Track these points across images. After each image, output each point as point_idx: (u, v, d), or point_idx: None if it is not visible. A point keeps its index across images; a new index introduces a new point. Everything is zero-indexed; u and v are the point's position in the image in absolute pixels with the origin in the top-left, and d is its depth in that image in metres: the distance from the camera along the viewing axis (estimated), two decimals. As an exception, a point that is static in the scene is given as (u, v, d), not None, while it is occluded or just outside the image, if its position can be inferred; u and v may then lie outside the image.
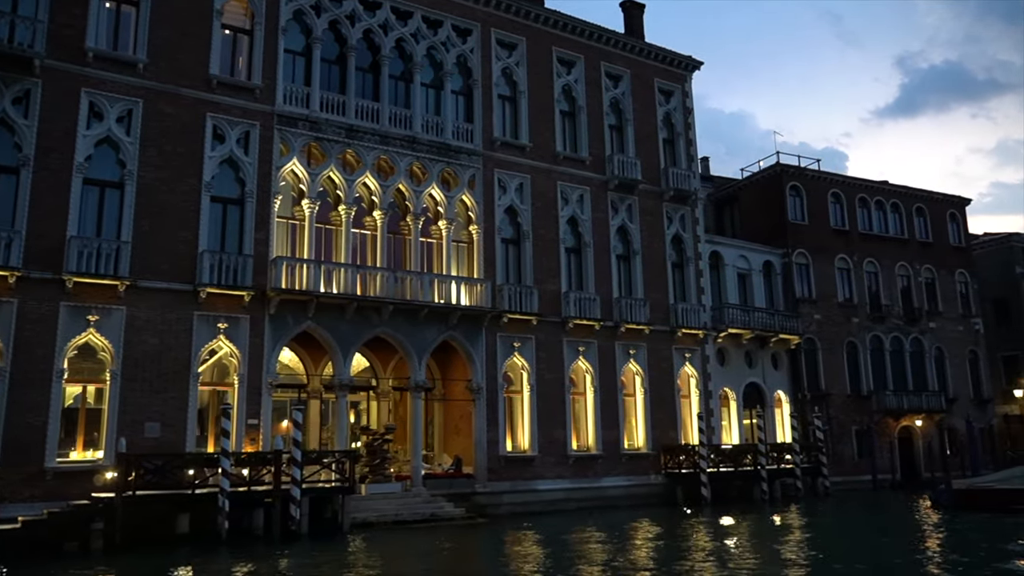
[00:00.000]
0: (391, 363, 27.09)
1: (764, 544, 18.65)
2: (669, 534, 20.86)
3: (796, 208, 37.21)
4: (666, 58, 33.52)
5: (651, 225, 31.44)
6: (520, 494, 25.93)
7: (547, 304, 27.91)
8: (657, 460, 29.31)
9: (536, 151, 29.02)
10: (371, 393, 27.47)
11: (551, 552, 17.76)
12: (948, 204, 42.49)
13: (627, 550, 18.15)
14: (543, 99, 29.75)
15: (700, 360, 31.51)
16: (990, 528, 20.62)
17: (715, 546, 18.11)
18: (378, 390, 27.35)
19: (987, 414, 40.70)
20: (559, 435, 27.35)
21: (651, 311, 30.25)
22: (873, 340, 37.71)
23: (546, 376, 27.48)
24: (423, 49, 27.26)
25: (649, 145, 32.27)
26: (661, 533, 21.13)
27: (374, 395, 27.55)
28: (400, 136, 25.96)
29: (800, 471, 30.56)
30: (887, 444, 36.46)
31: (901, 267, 39.63)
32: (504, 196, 28.03)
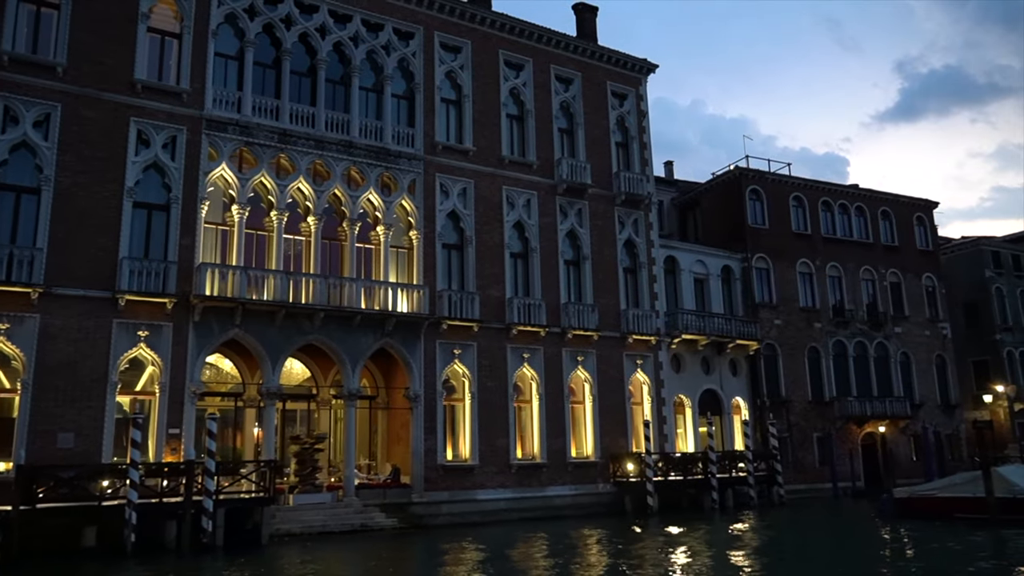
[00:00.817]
0: (332, 371, 26.66)
1: (662, 557, 18.19)
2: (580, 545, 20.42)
3: (756, 212, 36.79)
4: (619, 61, 33.18)
5: (602, 230, 31.04)
6: (459, 504, 25.45)
7: (490, 310, 27.49)
8: (606, 468, 28.83)
9: (480, 155, 28.65)
10: (311, 402, 26.99)
11: (482, 562, 17.38)
12: (915, 207, 42.05)
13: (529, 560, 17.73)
14: (489, 103, 29.40)
15: (653, 366, 31.04)
16: (917, 538, 20.17)
17: (609, 561, 17.67)
18: (318, 398, 26.89)
19: (955, 419, 40.16)
20: (502, 443, 26.88)
21: (601, 317, 29.83)
22: (836, 345, 37.22)
23: (488, 383, 27.03)
24: (362, 53, 26.92)
25: (601, 149, 31.90)
26: (565, 545, 20.68)
27: (315, 404, 27.07)
28: (336, 141, 25.58)
29: (753, 479, 30.01)
30: (850, 451, 35.91)
31: (866, 271, 39.16)
32: (446, 201, 27.64)
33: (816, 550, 19.64)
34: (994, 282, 43.48)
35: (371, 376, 27.65)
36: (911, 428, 38.12)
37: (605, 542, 20.98)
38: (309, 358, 26.39)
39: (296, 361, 26.50)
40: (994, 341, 42.67)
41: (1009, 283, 44.09)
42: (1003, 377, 41.95)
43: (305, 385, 26.89)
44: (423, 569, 17.85)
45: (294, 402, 26.80)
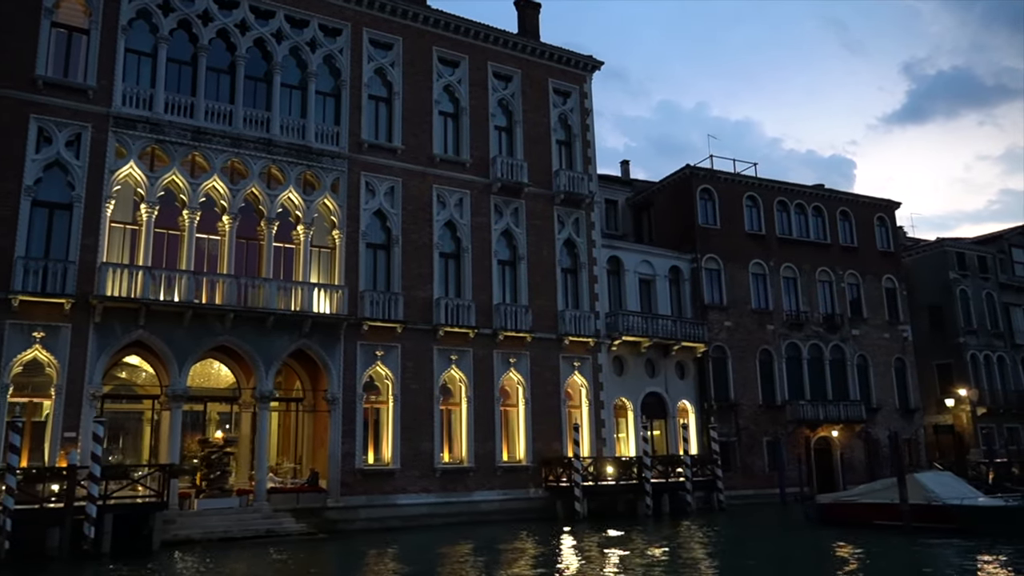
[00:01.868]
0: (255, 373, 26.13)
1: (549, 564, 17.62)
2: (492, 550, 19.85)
3: (708, 212, 36.16)
4: (562, 58, 32.61)
5: (540, 229, 30.47)
6: (378, 509, 24.90)
7: (417, 311, 26.96)
8: (538, 473, 28.25)
9: (410, 153, 28.13)
10: (235, 405, 26.48)
11: (386, 569, 16.85)
12: (876, 208, 41.34)
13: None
14: (421, 100, 28.88)
15: (591, 369, 30.45)
16: (816, 546, 19.57)
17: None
18: (240, 401, 26.39)
19: (914, 424, 39.41)
20: (426, 447, 26.33)
21: (537, 318, 29.27)
22: (790, 348, 36.55)
23: (413, 386, 26.49)
24: (285, 49, 26.44)
25: (540, 147, 31.34)
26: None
27: (238, 406, 26.56)
28: (255, 139, 25.11)
29: (691, 484, 29.36)
30: (799, 456, 35.19)
31: (823, 272, 38.47)
32: (372, 200, 27.13)
33: (685, 563, 18.85)
34: (958, 284, 42.70)
35: (298, 378, 27.19)
36: (866, 433, 37.41)
37: (486, 550, 20.35)
38: (232, 360, 25.91)
39: (222, 364, 26.14)
40: (957, 344, 41.88)
41: (974, 285, 43.31)
42: (966, 381, 41.15)
43: (231, 388, 26.44)
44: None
45: (217, 405, 26.38)
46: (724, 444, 33.70)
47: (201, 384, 25.80)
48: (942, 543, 18.90)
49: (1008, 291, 44.82)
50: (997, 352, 43.06)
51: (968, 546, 18.25)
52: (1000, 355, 43.13)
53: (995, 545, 18.23)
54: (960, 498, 20.35)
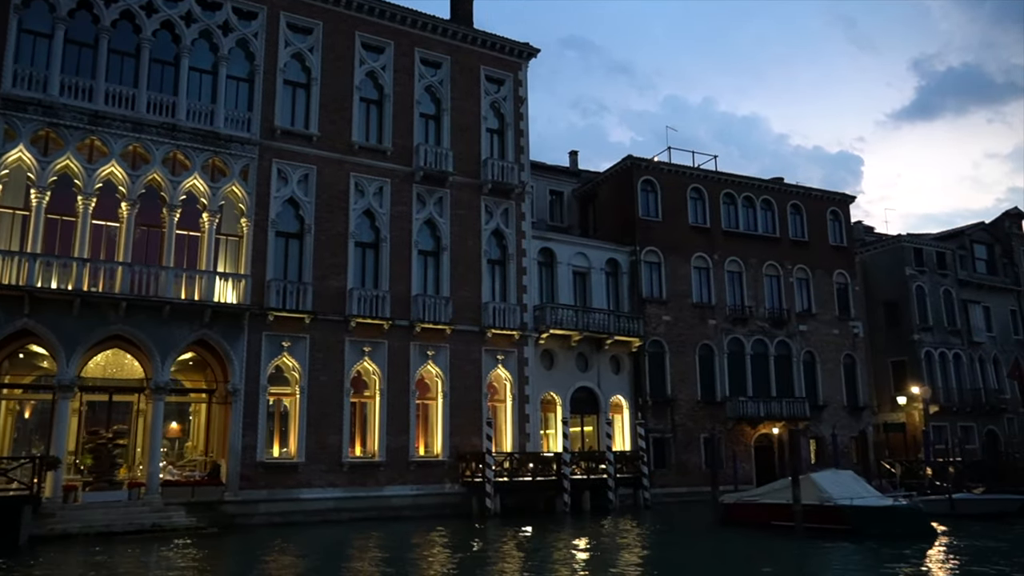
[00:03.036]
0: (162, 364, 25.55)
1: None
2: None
3: (650, 204, 35.44)
4: (496, 45, 31.91)
5: (465, 219, 29.84)
6: (279, 503, 24.41)
7: (328, 301, 26.39)
8: (455, 468, 27.68)
9: (327, 140, 27.52)
10: (139, 396, 25.93)
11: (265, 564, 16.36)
12: (829, 202, 40.55)
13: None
14: (342, 86, 28.24)
15: (516, 363, 29.84)
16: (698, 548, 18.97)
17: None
18: (145, 392, 25.79)
19: (862, 422, 38.69)
20: (334, 440, 25.79)
21: (459, 310, 28.68)
22: (732, 343, 35.85)
23: (322, 378, 25.94)
24: (195, 32, 25.81)
25: (470, 135, 30.68)
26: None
27: (143, 397, 25.99)
28: (158, 123, 24.50)
29: (614, 481, 28.75)
30: (734, 453, 34.46)
31: (770, 267, 37.73)
32: (285, 187, 26.54)
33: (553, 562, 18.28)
34: (915, 280, 41.91)
35: (211, 370, 26.65)
36: (812, 430, 36.73)
37: (379, 547, 19.86)
38: (138, 350, 25.37)
39: (128, 354, 25.60)
40: (911, 341, 41.11)
41: (932, 281, 42.51)
42: (920, 378, 40.41)
43: (141, 379, 25.89)
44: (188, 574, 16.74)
45: (121, 395, 25.83)
46: (659, 440, 33.17)
47: (114, 374, 25.37)
48: (827, 545, 18.29)
49: (968, 288, 44.00)
50: (953, 350, 42.29)
51: (849, 548, 17.65)
52: (956, 352, 42.36)
53: (880, 547, 17.60)
54: (851, 498, 19.70)
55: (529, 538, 21.39)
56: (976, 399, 42.01)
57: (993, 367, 43.77)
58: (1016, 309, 45.96)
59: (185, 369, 26.27)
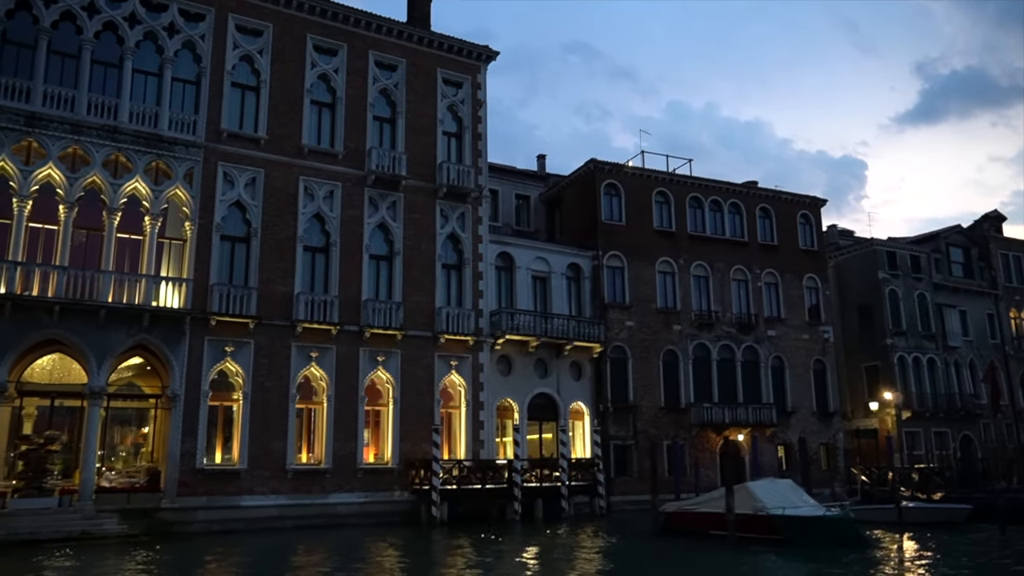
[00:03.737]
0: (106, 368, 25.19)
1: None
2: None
3: (613, 208, 35.07)
4: (453, 47, 31.62)
5: (420, 223, 29.49)
6: (219, 510, 23.98)
7: (274, 306, 26.05)
8: (405, 475, 27.25)
9: (275, 143, 27.23)
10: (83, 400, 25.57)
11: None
12: (799, 205, 40.11)
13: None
14: (292, 89, 27.97)
15: (471, 368, 29.44)
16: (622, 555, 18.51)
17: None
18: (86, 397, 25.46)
19: (832, 428, 38.17)
20: (278, 446, 25.41)
21: (411, 315, 28.31)
22: (698, 348, 35.41)
23: (266, 384, 25.58)
24: (139, 34, 25.57)
25: (425, 138, 30.35)
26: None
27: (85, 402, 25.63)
28: (98, 125, 24.22)
29: (568, 489, 28.30)
30: (696, 460, 33.93)
31: (738, 271, 37.30)
32: (231, 191, 26.25)
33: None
34: (888, 284, 41.46)
35: (157, 375, 26.29)
36: (780, 437, 36.26)
37: (310, 554, 19.47)
38: (80, 354, 25.01)
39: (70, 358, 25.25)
40: (884, 346, 40.64)
41: (906, 285, 42.06)
42: (892, 384, 39.95)
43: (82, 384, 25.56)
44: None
45: (67, 400, 25.48)
46: (621, 448, 32.75)
47: (61, 379, 25.04)
48: (755, 555, 17.83)
49: (943, 291, 43.55)
50: (928, 354, 41.79)
51: (775, 558, 17.20)
52: (931, 357, 41.87)
53: (807, 557, 17.15)
54: (783, 507, 19.25)
55: (457, 546, 20.99)
56: (951, 404, 41.49)
57: (969, 372, 43.27)
58: (993, 313, 45.47)
59: (143, 374, 25.91)
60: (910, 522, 23.22)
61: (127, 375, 25.86)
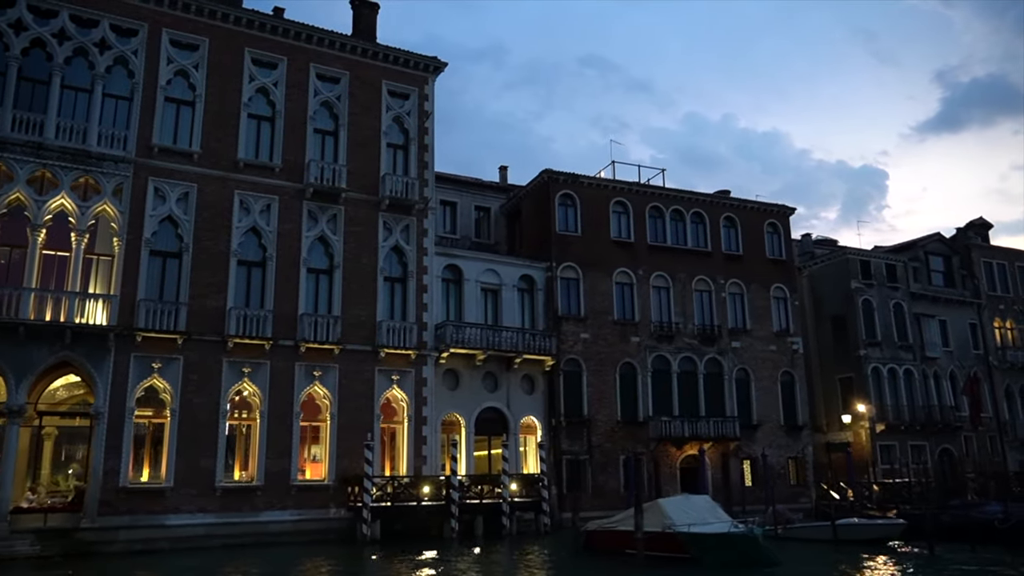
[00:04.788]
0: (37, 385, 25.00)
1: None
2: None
3: (569, 219, 34.55)
4: (399, 59, 31.38)
5: (361, 236, 29.16)
6: (143, 530, 23.62)
7: (206, 321, 25.77)
8: (342, 492, 26.76)
9: (209, 158, 27.05)
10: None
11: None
12: (767, 214, 39.35)
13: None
14: (228, 103, 27.83)
15: (414, 383, 28.96)
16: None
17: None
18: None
19: (800, 441, 37.19)
20: (207, 464, 25.03)
21: (350, 329, 27.94)
22: (658, 361, 34.68)
23: (195, 400, 25.24)
24: (68, 50, 25.54)
25: (369, 151, 30.08)
26: None
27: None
28: (22, 142, 24.13)
29: (509, 506, 27.66)
30: (667, 475, 33.24)
31: (700, 281, 36.58)
32: (162, 206, 26.07)
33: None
34: (862, 294, 40.50)
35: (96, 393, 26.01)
36: (744, 451, 35.37)
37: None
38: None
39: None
40: (857, 357, 39.65)
41: (881, 295, 41.06)
42: (866, 396, 38.94)
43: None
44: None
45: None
46: (575, 463, 32.08)
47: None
48: (655, 572, 17.13)
49: (922, 301, 42.49)
50: (904, 365, 40.71)
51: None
52: (908, 368, 40.77)
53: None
54: (691, 525, 18.53)
55: (364, 565, 20.48)
56: (929, 417, 40.32)
57: (949, 383, 42.10)
58: (976, 323, 44.30)
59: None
60: (845, 539, 22.37)
61: (78, 393, 25.62)
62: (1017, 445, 43.26)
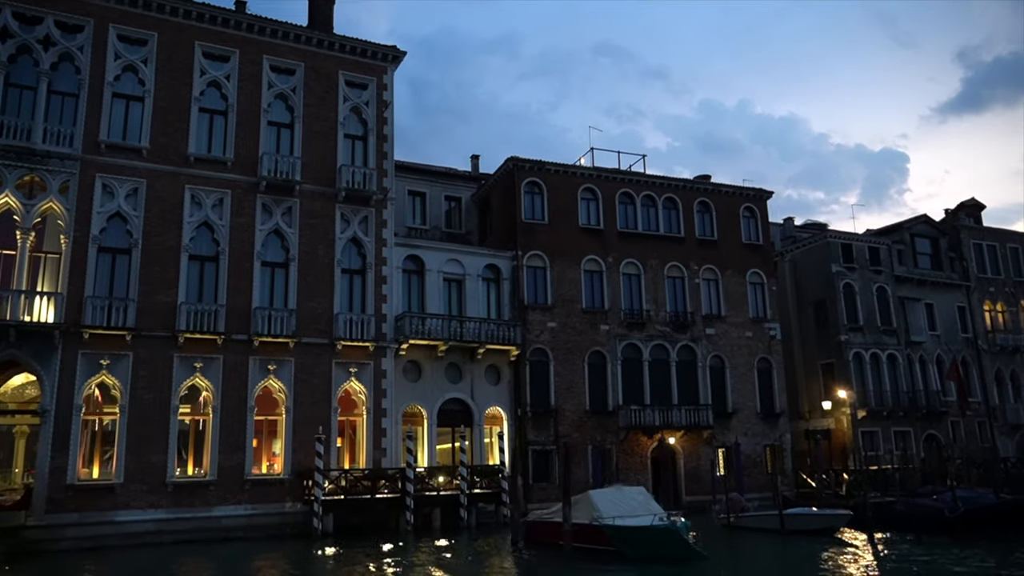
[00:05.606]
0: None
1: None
2: None
3: (536, 206, 34.10)
4: (356, 49, 31.06)
5: (317, 229, 28.95)
6: (91, 527, 23.62)
7: (156, 317, 25.69)
8: (298, 486, 26.65)
9: (159, 153, 26.92)
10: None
11: None
12: (743, 198, 38.64)
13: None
14: (179, 97, 27.67)
15: (372, 375, 28.76)
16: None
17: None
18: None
19: (778, 429, 36.60)
20: (158, 460, 24.99)
21: (306, 322, 27.78)
22: (628, 349, 34.22)
23: (145, 396, 25.19)
24: (11, 48, 25.49)
25: (325, 142, 29.83)
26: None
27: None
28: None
29: (467, 498, 27.41)
30: (637, 464, 32.85)
31: (673, 268, 36.03)
32: (111, 202, 25.99)
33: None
34: (843, 278, 39.73)
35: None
36: (718, 439, 34.87)
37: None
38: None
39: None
40: (839, 342, 38.95)
41: (864, 279, 40.27)
42: (848, 381, 38.23)
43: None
44: None
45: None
46: (541, 453, 31.77)
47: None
48: (584, 567, 16.81)
49: (907, 284, 41.64)
50: (888, 350, 39.94)
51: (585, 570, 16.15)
52: (891, 353, 40.00)
53: (622, 571, 16.08)
54: (616, 517, 18.14)
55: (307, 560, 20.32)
56: (913, 402, 39.58)
57: (936, 368, 41.27)
58: (964, 305, 43.38)
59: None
60: (792, 529, 21.90)
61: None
62: (1007, 430, 42.38)
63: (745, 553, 19.29)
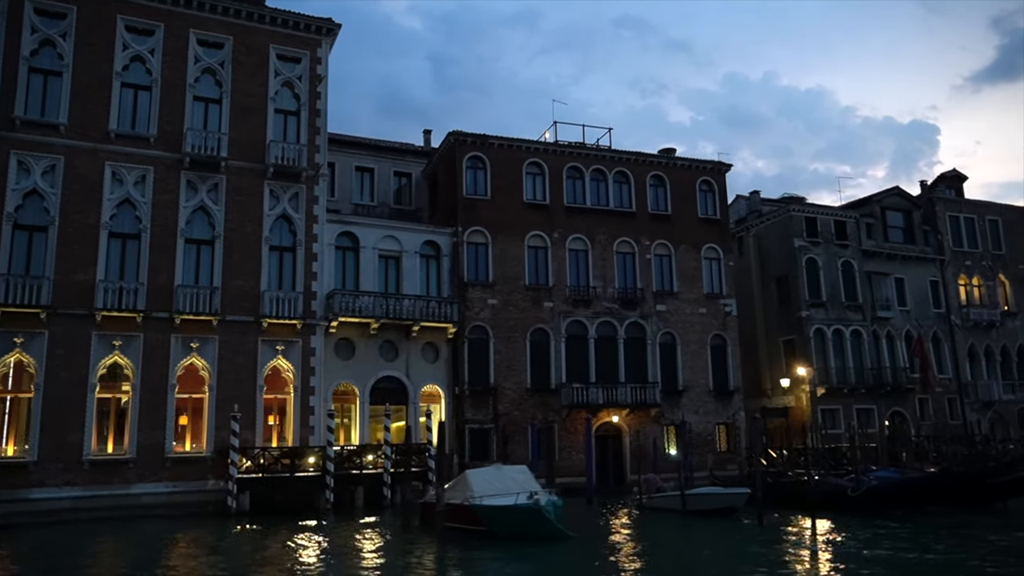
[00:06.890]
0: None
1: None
2: None
3: (478, 181, 33.51)
4: (289, 22, 30.51)
5: (244, 205, 28.61)
6: (2, 504, 23.69)
7: (74, 295, 25.57)
8: (222, 464, 26.55)
9: (77, 129, 26.65)
10: None
11: None
12: (699, 172, 37.69)
13: None
14: (99, 72, 27.33)
15: (300, 353, 28.52)
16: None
17: None
18: None
19: (731, 407, 35.93)
20: (74, 438, 24.96)
21: (232, 300, 27.56)
22: (573, 326, 33.66)
23: (62, 374, 25.13)
24: (-77, 24, 25.29)
25: (255, 118, 29.40)
26: None
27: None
28: None
29: (390, 476, 27.18)
30: (581, 443, 32.38)
31: (623, 243, 35.29)
32: (27, 179, 25.81)
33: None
34: (806, 252, 38.79)
35: None
36: (667, 417, 34.31)
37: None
38: None
39: None
40: (799, 318, 38.09)
41: (828, 253, 39.29)
42: (807, 358, 37.43)
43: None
44: None
45: None
46: (479, 432, 31.47)
47: None
48: (451, 549, 16.47)
49: (875, 259, 40.59)
50: (852, 326, 39.02)
51: (451, 551, 15.82)
52: (855, 329, 39.07)
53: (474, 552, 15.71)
54: (486, 496, 17.75)
55: (196, 541, 20.18)
56: (878, 379, 38.68)
57: (904, 344, 40.27)
58: (938, 280, 42.22)
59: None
60: (694, 509, 21.43)
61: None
62: (979, 407, 41.34)
63: (623, 533, 18.87)
